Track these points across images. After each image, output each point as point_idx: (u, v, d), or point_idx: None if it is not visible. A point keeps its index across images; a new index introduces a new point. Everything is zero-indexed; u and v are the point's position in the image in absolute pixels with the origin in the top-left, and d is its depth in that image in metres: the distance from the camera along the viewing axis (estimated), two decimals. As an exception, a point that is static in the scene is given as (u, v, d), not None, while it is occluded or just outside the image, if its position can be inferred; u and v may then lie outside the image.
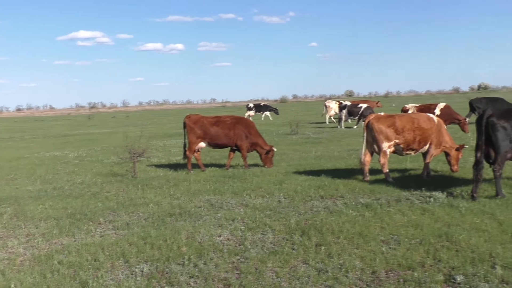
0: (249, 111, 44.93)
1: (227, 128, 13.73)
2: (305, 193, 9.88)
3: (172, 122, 47.04)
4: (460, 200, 8.58)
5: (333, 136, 23.34)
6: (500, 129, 8.73)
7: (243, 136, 13.73)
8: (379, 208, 8.33)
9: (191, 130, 13.66)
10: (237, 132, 13.71)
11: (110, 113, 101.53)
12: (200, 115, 14.16)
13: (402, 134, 10.82)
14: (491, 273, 5.34)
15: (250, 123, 14.26)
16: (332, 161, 14.38)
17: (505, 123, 8.73)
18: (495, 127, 8.75)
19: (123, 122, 55.35)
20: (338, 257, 6.09)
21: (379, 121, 10.90)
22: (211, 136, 13.66)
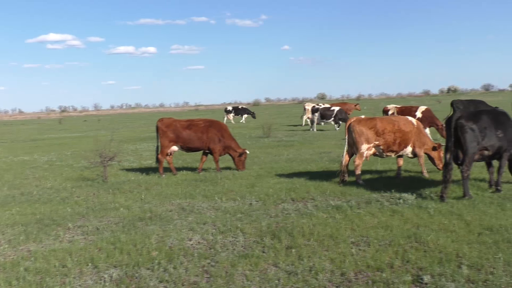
0: (228, 114, 44.92)
1: (200, 131, 13.68)
2: (276, 196, 9.90)
3: (144, 126, 46.69)
4: (429, 201, 8.69)
5: (305, 139, 23.44)
6: (469, 131, 8.89)
7: (216, 139, 13.70)
8: (350, 210, 8.39)
9: (163, 134, 13.58)
10: (210, 135, 13.68)
11: (82, 117, 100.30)
12: (172, 119, 14.08)
13: (383, 136, 11.00)
14: (458, 272, 5.41)
15: (223, 126, 14.23)
16: (303, 164, 14.44)
17: (473, 125, 8.90)
18: (464, 129, 8.90)
19: (94, 126, 54.71)
20: (308, 260, 6.11)
21: (360, 123, 11.06)
22: (184, 139, 13.60)
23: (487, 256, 5.85)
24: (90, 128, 48.16)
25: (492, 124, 9.06)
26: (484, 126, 8.97)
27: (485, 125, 8.99)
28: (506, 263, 5.62)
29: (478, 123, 8.96)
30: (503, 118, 9.36)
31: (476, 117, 9.07)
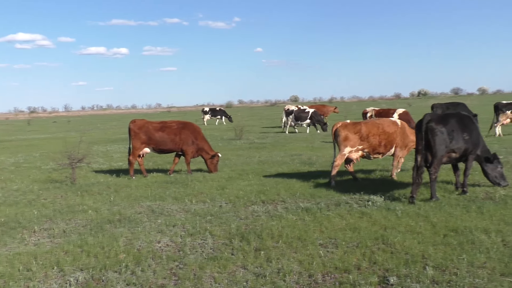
0: (205, 116, 44.81)
1: (173, 133, 13.62)
2: (246, 198, 9.90)
3: (115, 127, 46.28)
4: (397, 204, 8.80)
5: (277, 141, 23.50)
6: (438, 134, 9.09)
7: (189, 141, 13.67)
8: (319, 212, 8.44)
9: (135, 135, 13.47)
10: (183, 137, 13.63)
11: (51, 118, 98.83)
12: (145, 120, 13.98)
13: (367, 139, 11.24)
14: (423, 273, 5.49)
15: (196, 128, 14.19)
16: (275, 166, 14.48)
17: (442, 128, 9.10)
18: (434, 132, 9.09)
19: (64, 127, 53.97)
20: (276, 262, 6.12)
21: (346, 128, 11.32)
22: (156, 141, 13.52)
23: (452, 257, 5.94)
24: (59, 130, 47.47)
25: (459, 127, 9.28)
26: (452, 129, 9.17)
27: (453, 128, 9.20)
28: (469, 264, 5.72)
29: (447, 126, 9.16)
30: (468, 121, 9.57)
31: (445, 120, 9.26)
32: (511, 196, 9.06)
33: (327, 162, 14.77)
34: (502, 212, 7.87)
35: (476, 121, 24.07)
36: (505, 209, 8.06)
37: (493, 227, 7.08)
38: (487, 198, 9.06)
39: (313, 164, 14.43)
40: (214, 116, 45.50)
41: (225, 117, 45.11)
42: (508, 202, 8.56)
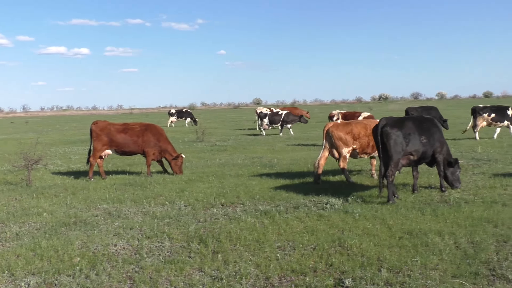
0: (171, 117, 44.47)
1: (136, 135, 13.49)
2: (206, 200, 9.86)
3: (75, 129, 45.47)
4: (355, 206, 8.90)
5: (239, 143, 23.51)
6: (393, 138, 9.28)
7: (152, 143, 13.56)
8: (278, 215, 8.46)
9: (97, 137, 13.27)
10: (146, 139, 13.52)
11: (8, 119, 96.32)
12: (107, 122, 13.79)
13: (359, 140, 11.56)
14: (377, 276, 5.56)
15: (159, 130, 14.08)
16: (235, 168, 14.46)
17: (397, 132, 9.30)
18: (389, 135, 9.28)
19: (21, 128, 52.71)
20: (234, 264, 6.11)
21: (338, 129, 11.62)
22: (118, 143, 13.36)
23: (406, 260, 6.04)
24: (16, 131, 46.31)
25: (416, 130, 9.51)
26: (408, 133, 9.39)
27: (409, 131, 9.41)
28: (422, 265, 5.83)
29: (402, 130, 9.37)
30: (428, 124, 9.82)
31: (400, 124, 9.47)
32: (464, 199, 9.27)
33: (288, 165, 14.85)
34: (456, 214, 8.05)
35: (446, 125, 24.76)
36: (458, 211, 8.23)
37: (447, 230, 7.23)
38: (442, 201, 9.26)
39: (274, 167, 14.47)
40: (180, 118, 45.21)
41: (191, 119, 44.83)
42: (462, 205, 8.76)
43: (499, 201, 8.94)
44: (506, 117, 21.29)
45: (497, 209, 8.37)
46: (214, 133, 32.18)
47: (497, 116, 21.28)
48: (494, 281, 5.35)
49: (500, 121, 21.33)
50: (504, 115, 21.31)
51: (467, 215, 8.01)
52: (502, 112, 21.39)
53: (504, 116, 21.30)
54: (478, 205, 8.75)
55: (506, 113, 21.32)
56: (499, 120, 21.31)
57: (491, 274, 5.53)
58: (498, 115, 21.30)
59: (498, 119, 21.30)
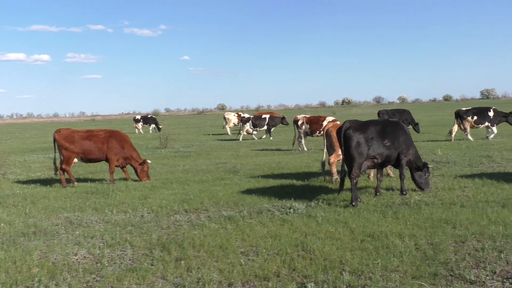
0: (137, 123, 44.02)
1: (101, 142, 13.32)
2: (169, 207, 9.79)
3: (35, 137, 44.57)
4: (318, 210, 8.97)
5: (203, 149, 23.43)
6: (355, 141, 9.43)
7: (117, 150, 13.41)
8: (241, 220, 8.46)
9: (61, 146, 13.05)
10: (111, 145, 13.37)
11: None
12: (71, 129, 13.57)
13: None
14: (339, 279, 5.61)
15: (124, 137, 13.93)
16: (199, 174, 14.41)
17: (360, 135, 9.46)
18: (351, 139, 9.42)
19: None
20: (197, 271, 6.07)
21: (336, 129, 11.57)
22: (84, 150, 13.18)
23: (367, 262, 6.11)
24: (-25, 138, 45.09)
25: (379, 134, 9.68)
26: (371, 137, 9.54)
27: (372, 135, 9.57)
28: (383, 268, 5.90)
29: (365, 133, 9.53)
30: (392, 128, 10.01)
31: (363, 128, 9.63)
32: (424, 201, 9.45)
33: (252, 170, 14.87)
34: (416, 216, 8.19)
35: (417, 129, 25.20)
36: (419, 213, 8.38)
37: (407, 232, 7.34)
38: (403, 203, 9.40)
39: (238, 172, 14.47)
40: (146, 124, 44.84)
41: (155, 125, 44.46)
42: (422, 207, 8.92)
43: (458, 203, 9.13)
44: (487, 119, 21.85)
45: (456, 210, 8.55)
46: (178, 139, 31.99)
47: (479, 118, 21.84)
48: (452, 281, 5.46)
49: (481, 123, 21.91)
50: (485, 117, 21.87)
51: (427, 216, 8.16)
52: (484, 114, 21.95)
53: (485, 118, 21.87)
54: (437, 206, 8.92)
55: (487, 115, 21.87)
56: (481, 122, 21.88)
57: (449, 275, 5.64)
58: (479, 117, 21.86)
59: (479, 121, 21.86)
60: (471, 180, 11.34)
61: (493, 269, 5.72)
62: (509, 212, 8.21)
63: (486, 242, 6.69)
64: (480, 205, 8.85)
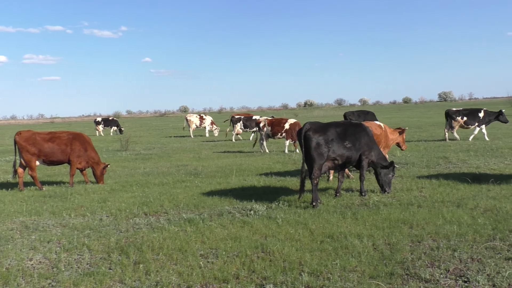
0: (98, 126, 43.31)
1: (64, 144, 13.06)
2: (129, 210, 9.67)
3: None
4: (278, 212, 9.01)
5: (164, 152, 23.25)
6: (315, 142, 9.54)
7: (80, 152, 13.19)
8: (202, 222, 8.42)
9: (23, 148, 12.70)
10: (74, 147, 13.13)
11: None
12: (32, 131, 13.21)
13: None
14: (298, 280, 5.64)
15: (87, 139, 13.70)
16: (160, 177, 14.29)
17: (320, 137, 9.55)
18: (311, 140, 9.52)
19: None
20: (155, 274, 6.01)
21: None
22: (46, 153, 12.87)
23: (326, 263, 6.16)
24: None
25: (339, 136, 9.80)
26: (331, 138, 9.65)
27: (332, 137, 9.68)
28: (342, 268, 5.97)
29: (325, 135, 9.63)
30: (353, 129, 10.15)
31: (323, 130, 9.73)
32: (383, 202, 9.60)
33: (213, 172, 14.84)
34: (375, 217, 8.31)
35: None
36: (377, 214, 8.51)
37: (366, 232, 7.45)
38: (362, 204, 9.53)
39: (199, 175, 14.41)
40: (107, 126, 44.18)
41: (117, 127, 43.85)
42: (380, 207, 9.06)
43: (415, 203, 9.32)
44: (477, 119, 22.38)
45: (413, 210, 8.71)
46: (139, 141, 31.66)
47: (469, 119, 22.37)
48: (408, 280, 5.55)
49: (471, 124, 22.43)
50: (475, 118, 22.40)
51: (385, 217, 8.29)
52: (474, 115, 22.49)
53: (475, 119, 22.41)
54: (395, 207, 9.08)
55: (477, 116, 22.40)
56: (471, 123, 22.41)
57: (406, 274, 5.74)
58: (469, 118, 22.40)
59: (469, 122, 22.39)
60: (428, 180, 11.58)
61: (447, 267, 5.86)
62: (463, 211, 8.43)
63: (441, 241, 6.84)
64: (436, 205, 9.06)
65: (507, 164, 14.01)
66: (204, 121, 34.60)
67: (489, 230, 7.25)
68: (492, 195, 9.67)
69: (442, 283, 5.41)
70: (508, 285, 5.28)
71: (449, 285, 5.37)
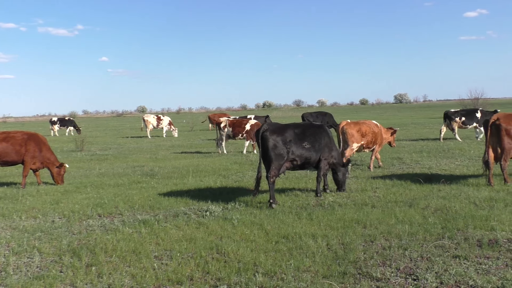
0: (53, 126, 42.31)
1: (18, 144, 12.71)
2: (82, 212, 9.50)
3: None
4: (234, 213, 9.00)
5: (120, 152, 22.94)
6: (272, 143, 9.63)
7: (35, 152, 12.85)
8: (156, 224, 8.34)
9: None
10: (29, 148, 12.78)
11: None
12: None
13: (365, 137, 13.81)
14: (252, 281, 5.65)
15: (42, 139, 13.37)
16: (115, 178, 14.08)
17: (277, 138, 9.65)
18: (268, 141, 9.59)
19: None
20: (108, 277, 5.92)
21: (350, 127, 13.74)
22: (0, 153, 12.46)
23: (281, 263, 6.19)
24: None
25: (298, 136, 9.89)
26: (289, 139, 9.73)
27: (290, 138, 9.77)
28: (296, 268, 6.00)
29: (283, 136, 9.71)
30: (313, 130, 10.28)
31: (281, 131, 9.81)
32: (338, 202, 9.72)
33: (169, 173, 14.73)
34: (329, 217, 8.40)
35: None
36: (332, 214, 8.60)
37: (320, 232, 7.52)
38: (318, 205, 9.62)
39: (155, 176, 14.28)
40: (63, 126, 43.23)
41: (74, 127, 42.94)
42: (335, 208, 9.17)
43: (369, 203, 9.47)
44: (474, 120, 22.89)
45: (367, 210, 8.85)
46: (95, 142, 31.13)
47: (467, 119, 22.87)
48: (360, 279, 5.64)
49: (469, 124, 22.96)
50: (473, 118, 22.91)
51: (340, 217, 8.39)
52: (471, 115, 23.02)
53: (473, 119, 22.91)
54: (350, 207, 9.21)
55: (475, 116, 22.91)
56: (469, 123, 22.92)
57: (358, 273, 5.82)
58: (467, 118, 22.91)
59: (467, 122, 22.90)
60: (383, 181, 11.79)
61: (397, 266, 5.97)
62: (415, 211, 8.61)
63: (393, 241, 6.97)
64: (390, 205, 9.22)
65: (457, 164, 14.41)
66: (161, 122, 34.29)
67: (438, 229, 7.43)
68: (442, 195, 9.91)
69: (393, 282, 5.51)
70: (455, 282, 5.42)
71: (399, 283, 5.48)
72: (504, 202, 9.10)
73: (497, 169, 11.45)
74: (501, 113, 11.25)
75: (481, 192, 10.06)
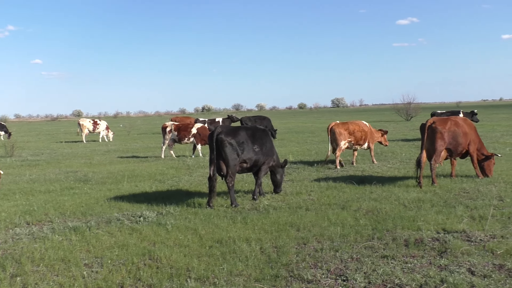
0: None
1: None
2: (9, 220, 9.14)
3: None
4: (168, 218, 8.89)
5: (53, 158, 22.23)
6: (228, 145, 9.73)
7: None
8: (88, 231, 8.13)
9: None
10: None
11: None
12: None
13: (353, 134, 15.48)
14: (184, 286, 5.60)
15: None
16: (46, 184, 13.63)
17: (232, 140, 9.76)
18: (223, 143, 9.67)
19: None
20: (34, 287, 5.72)
21: (339, 127, 15.50)
22: None
23: (213, 268, 6.16)
24: None
25: (249, 139, 10.03)
26: (241, 141, 9.86)
27: (243, 140, 9.91)
28: (229, 272, 6.00)
29: (236, 138, 9.84)
30: (260, 134, 10.41)
31: (235, 133, 9.92)
32: (273, 205, 9.79)
33: (104, 178, 14.41)
34: (264, 221, 8.44)
35: (274, 135, 26.49)
36: (267, 218, 8.65)
37: (254, 236, 7.54)
38: (253, 208, 9.66)
39: (89, 181, 13.93)
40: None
41: (5, 132, 41.15)
42: (270, 211, 9.23)
43: (303, 206, 9.59)
44: None
45: (301, 213, 8.96)
46: (27, 147, 30.06)
47: None
48: (292, 282, 5.69)
49: None
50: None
51: (274, 220, 8.45)
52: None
53: None
54: (284, 210, 9.29)
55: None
56: None
57: (290, 276, 5.88)
58: None
59: None
60: (317, 184, 11.98)
61: (328, 267, 6.07)
62: (347, 213, 8.79)
63: (325, 243, 7.09)
64: (323, 208, 9.38)
65: (389, 167, 14.83)
66: (98, 126, 33.52)
67: (369, 230, 7.62)
68: (374, 197, 10.17)
69: (323, 283, 5.60)
70: (382, 282, 5.57)
71: (329, 284, 5.57)
72: (430, 203, 9.44)
73: (426, 171, 11.86)
74: (436, 117, 12.15)
75: (410, 193, 10.40)
